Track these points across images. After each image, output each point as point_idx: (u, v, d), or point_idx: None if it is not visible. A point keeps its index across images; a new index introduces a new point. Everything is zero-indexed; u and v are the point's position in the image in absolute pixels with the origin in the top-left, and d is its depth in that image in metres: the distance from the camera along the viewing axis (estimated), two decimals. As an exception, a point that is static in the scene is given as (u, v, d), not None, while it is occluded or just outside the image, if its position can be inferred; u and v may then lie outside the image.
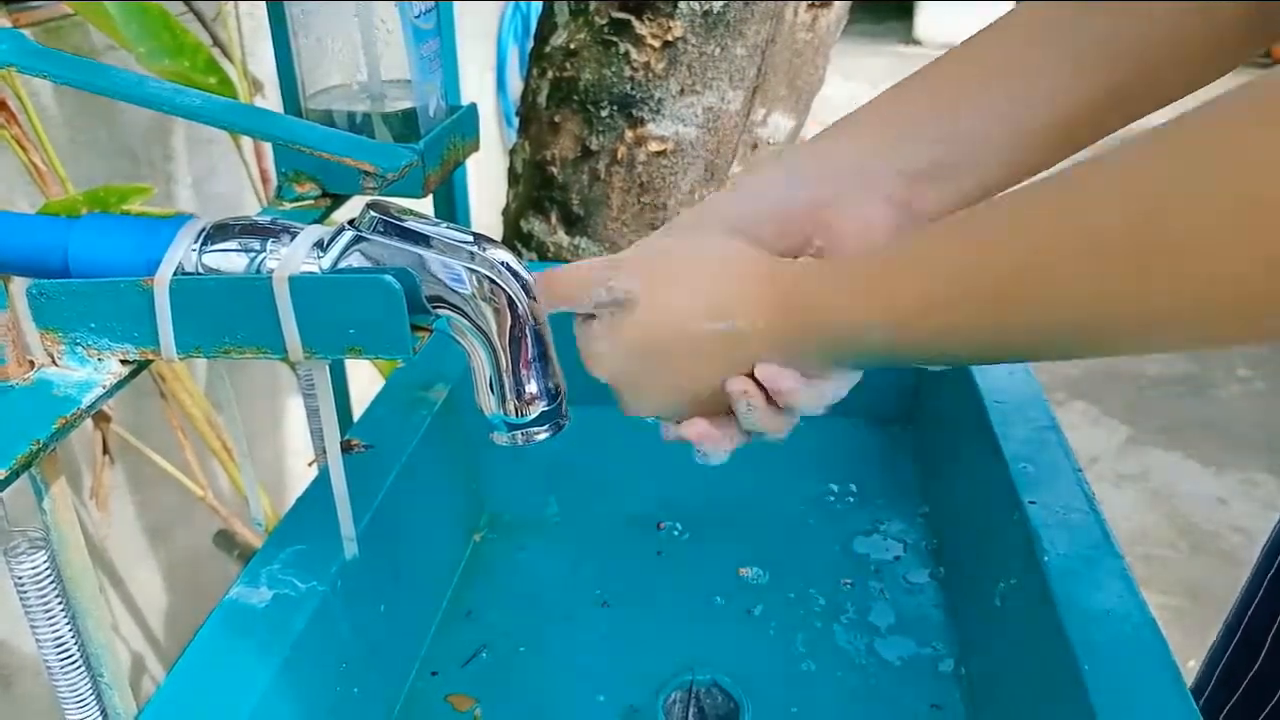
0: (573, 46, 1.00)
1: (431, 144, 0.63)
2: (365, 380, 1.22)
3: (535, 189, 1.07)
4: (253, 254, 0.43)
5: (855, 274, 0.42)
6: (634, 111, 0.99)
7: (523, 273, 0.43)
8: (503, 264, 0.42)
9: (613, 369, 0.47)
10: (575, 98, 1.01)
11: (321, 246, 0.43)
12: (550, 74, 1.02)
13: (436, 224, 0.43)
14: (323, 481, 0.56)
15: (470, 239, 0.43)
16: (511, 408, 0.44)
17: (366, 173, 0.47)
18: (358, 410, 0.69)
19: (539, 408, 0.44)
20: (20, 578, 0.41)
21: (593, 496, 0.75)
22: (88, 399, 0.43)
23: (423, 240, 0.42)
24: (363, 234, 0.43)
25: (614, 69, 0.98)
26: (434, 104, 0.65)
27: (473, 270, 0.42)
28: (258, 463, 1.45)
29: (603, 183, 1.03)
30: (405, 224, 0.42)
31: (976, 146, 0.46)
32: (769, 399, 0.45)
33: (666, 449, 0.50)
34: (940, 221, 0.39)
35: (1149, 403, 2.45)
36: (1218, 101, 0.30)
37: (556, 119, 1.03)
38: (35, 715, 1.05)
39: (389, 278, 0.41)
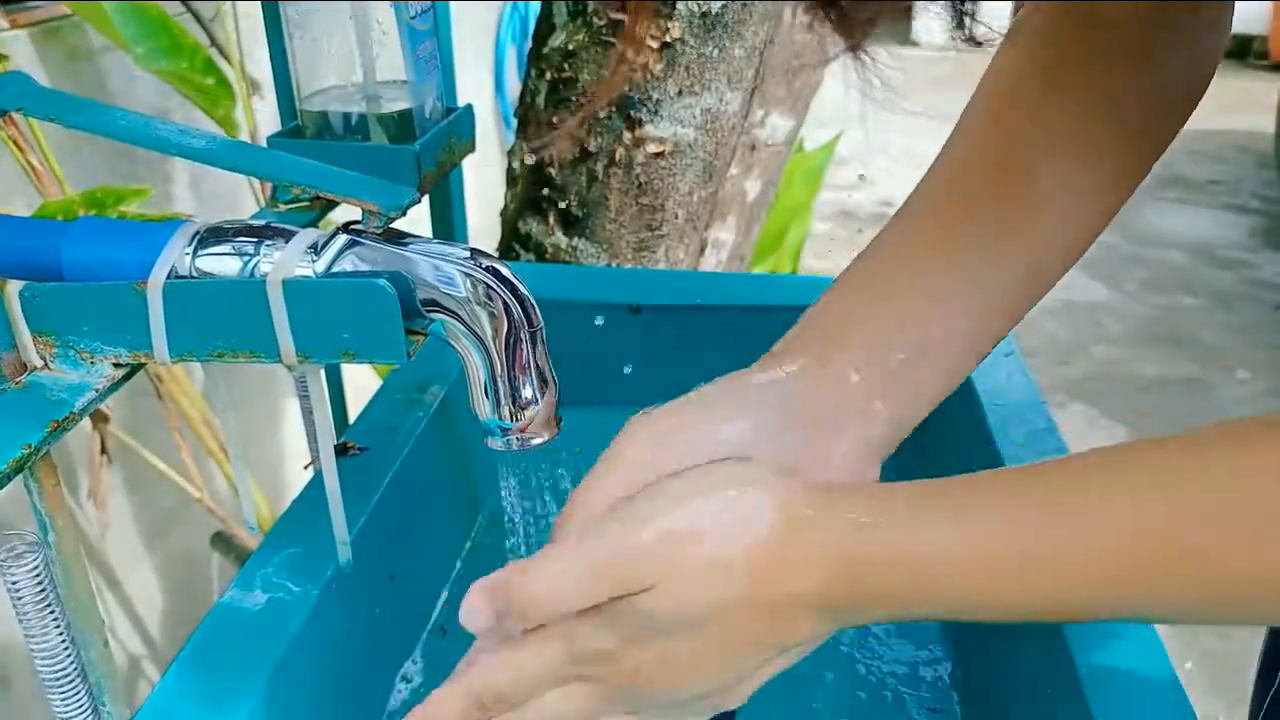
0: (571, 48, 1.00)
1: (427, 145, 0.63)
2: (362, 380, 1.21)
3: (533, 190, 1.07)
4: (247, 257, 0.43)
5: (977, 536, 0.35)
6: (632, 113, 0.99)
7: (516, 279, 0.43)
8: (497, 269, 0.42)
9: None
10: (573, 99, 1.01)
11: (316, 250, 0.43)
12: (549, 75, 1.02)
13: (429, 241, 0.43)
14: (319, 484, 0.56)
15: (463, 248, 0.43)
16: (506, 412, 0.44)
17: (370, 212, 0.47)
18: (354, 411, 0.69)
19: (533, 412, 0.44)
20: (15, 581, 0.41)
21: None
22: (80, 402, 0.43)
23: (417, 244, 0.42)
24: (357, 238, 0.43)
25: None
26: (430, 105, 0.65)
27: (467, 274, 0.42)
28: (255, 464, 1.45)
29: (601, 184, 1.03)
30: (399, 228, 0.42)
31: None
32: None
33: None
34: (1062, 473, 0.36)
35: (1148, 405, 2.45)
36: None
37: (555, 120, 1.03)
38: (34, 715, 1.05)
39: (382, 281, 0.41)
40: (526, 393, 0.43)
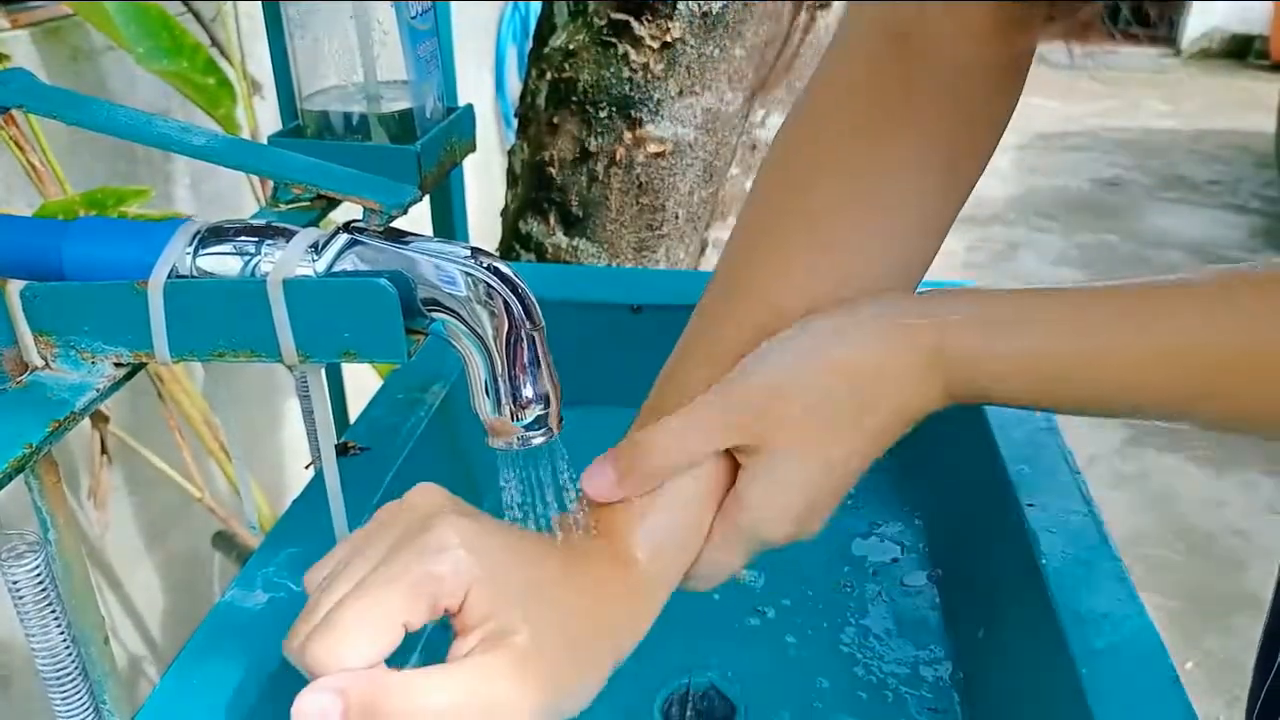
0: (571, 48, 1.00)
1: (428, 145, 0.63)
2: (363, 380, 1.22)
3: (534, 190, 1.07)
4: (247, 257, 0.43)
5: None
6: (633, 113, 0.99)
7: (517, 278, 0.43)
8: (498, 268, 0.42)
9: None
10: (574, 99, 1.01)
11: (316, 249, 0.43)
12: (549, 75, 1.02)
13: (430, 240, 0.43)
14: (319, 483, 0.56)
15: (464, 247, 0.42)
16: (507, 412, 0.44)
17: (372, 209, 0.48)
18: (354, 411, 0.69)
19: (535, 412, 0.44)
20: (16, 580, 0.41)
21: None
22: (81, 402, 0.43)
23: (418, 244, 0.42)
24: (358, 237, 0.43)
25: (613, 70, 0.98)
26: (431, 105, 0.65)
27: (468, 274, 0.42)
28: (257, 463, 1.45)
29: (601, 184, 1.03)
30: (400, 228, 0.42)
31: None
32: None
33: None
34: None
35: (1148, 404, 2.44)
36: None
37: (555, 120, 1.03)
38: (34, 714, 1.05)
39: (383, 281, 0.41)
40: (527, 392, 0.43)
